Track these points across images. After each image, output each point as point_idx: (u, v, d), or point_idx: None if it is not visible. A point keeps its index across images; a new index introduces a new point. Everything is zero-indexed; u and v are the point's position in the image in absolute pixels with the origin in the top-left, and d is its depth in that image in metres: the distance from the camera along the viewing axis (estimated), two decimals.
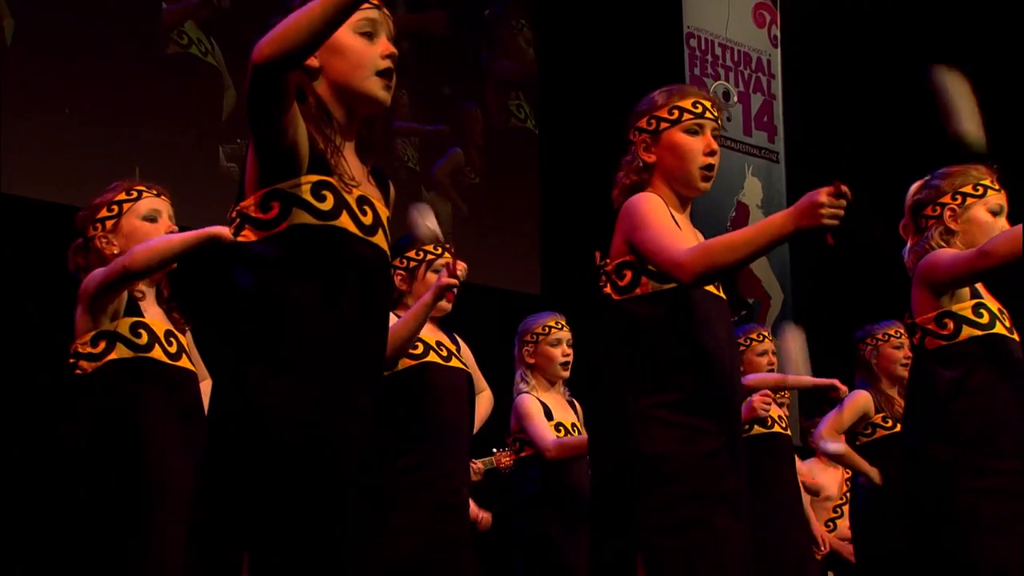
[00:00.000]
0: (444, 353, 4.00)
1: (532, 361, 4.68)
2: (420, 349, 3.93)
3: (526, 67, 7.78)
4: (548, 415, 4.55)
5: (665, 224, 2.89)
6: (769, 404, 4.90)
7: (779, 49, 9.40)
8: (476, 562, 3.98)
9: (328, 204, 2.39)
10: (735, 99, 9.10)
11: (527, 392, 4.64)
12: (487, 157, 7.53)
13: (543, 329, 4.63)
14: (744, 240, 2.76)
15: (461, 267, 3.65)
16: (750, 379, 4.91)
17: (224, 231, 3.18)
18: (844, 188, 2.61)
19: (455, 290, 3.68)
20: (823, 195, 2.60)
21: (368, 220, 2.47)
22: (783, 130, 9.33)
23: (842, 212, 2.61)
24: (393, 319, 3.93)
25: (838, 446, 5.00)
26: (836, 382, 5.04)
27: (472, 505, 4.43)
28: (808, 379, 5.21)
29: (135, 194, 3.48)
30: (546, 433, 4.47)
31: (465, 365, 4.10)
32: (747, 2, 9.31)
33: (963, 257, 3.33)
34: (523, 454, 4.61)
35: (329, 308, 2.37)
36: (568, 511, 4.43)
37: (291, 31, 2.24)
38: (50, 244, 3.73)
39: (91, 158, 5.79)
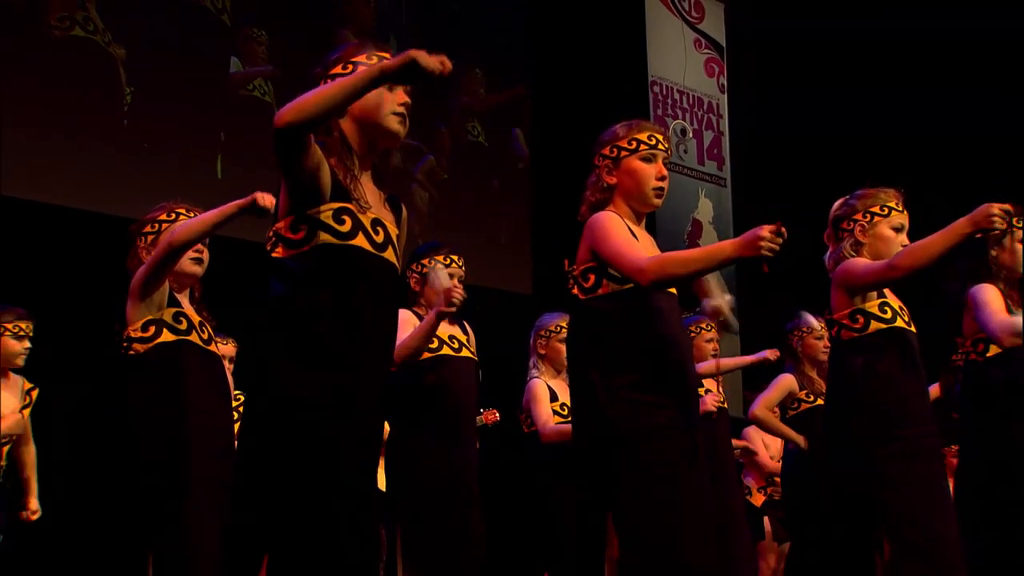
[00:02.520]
0: (456, 346, 3.96)
1: (544, 352, 4.62)
2: (435, 344, 3.91)
3: (478, 101, 7.95)
4: (554, 397, 4.49)
5: (626, 237, 2.87)
6: (720, 403, 4.89)
7: (726, 94, 9.41)
8: (482, 520, 3.96)
9: (347, 227, 2.37)
10: (691, 135, 9.09)
11: (537, 377, 4.59)
12: (453, 162, 7.68)
13: (555, 327, 4.55)
14: (696, 258, 2.77)
15: (457, 295, 3.70)
16: (700, 367, 4.83)
17: (243, 202, 3.13)
18: (783, 228, 2.59)
19: (454, 306, 3.72)
20: (765, 231, 2.60)
21: (380, 239, 2.43)
22: (729, 160, 9.34)
23: (778, 247, 2.61)
24: (410, 315, 3.94)
25: (773, 421, 5.05)
26: (767, 353, 5.06)
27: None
28: (744, 359, 5.23)
29: (173, 216, 3.45)
30: (546, 418, 4.42)
31: (474, 353, 4.10)
32: (700, 57, 9.32)
33: (874, 268, 3.32)
34: (533, 428, 4.56)
35: (346, 313, 2.35)
36: (570, 476, 4.39)
37: (309, 105, 2.22)
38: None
39: (166, 184, 5.80)
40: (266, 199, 3.11)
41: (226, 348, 4.66)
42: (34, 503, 4.53)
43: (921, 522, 3.24)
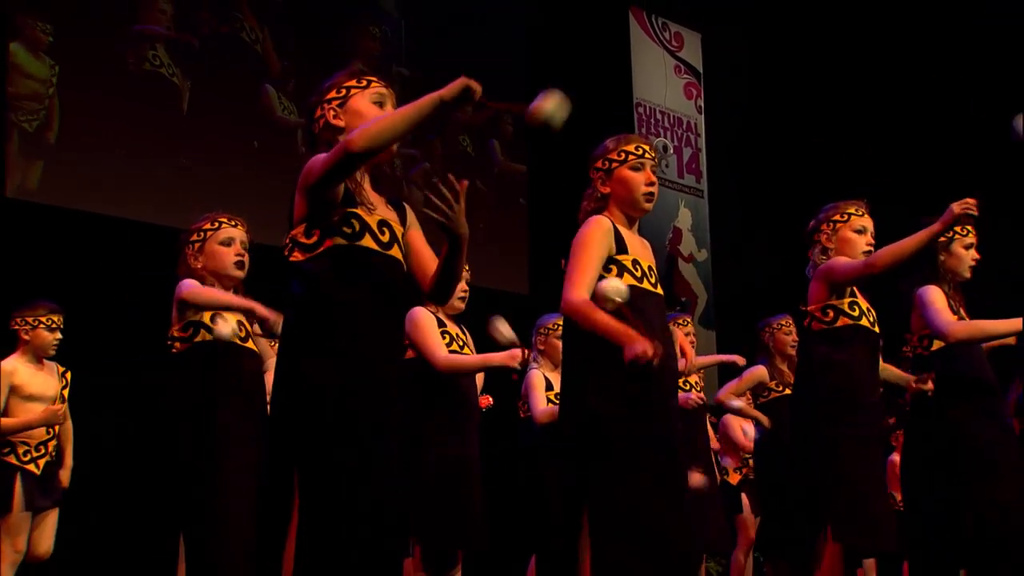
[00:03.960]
0: (460, 343, 3.99)
1: (543, 348, 4.61)
2: (447, 340, 3.92)
3: (467, 118, 7.99)
4: (550, 387, 4.48)
5: (589, 259, 2.86)
6: (700, 402, 4.87)
7: (703, 115, 9.44)
8: (484, 497, 3.96)
9: (355, 229, 2.37)
10: (671, 151, 9.13)
11: (536, 369, 4.59)
12: (443, 169, 7.63)
13: (553, 325, 4.52)
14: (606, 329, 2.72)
15: (525, 355, 3.74)
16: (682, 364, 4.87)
17: (254, 305, 3.17)
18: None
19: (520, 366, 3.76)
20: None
21: (386, 238, 2.43)
22: (706, 174, 9.38)
23: None
24: (428, 314, 3.89)
25: (736, 402, 5.08)
26: (735, 357, 5.09)
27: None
28: (717, 357, 5.27)
29: (217, 225, 3.41)
30: (540, 404, 4.44)
31: (472, 351, 4.11)
32: (679, 81, 9.34)
33: (854, 265, 3.37)
34: (529, 414, 4.55)
35: (357, 306, 2.34)
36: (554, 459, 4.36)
37: (380, 134, 2.25)
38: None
39: (211, 196, 5.90)
40: (268, 313, 3.14)
41: None
42: (65, 476, 4.46)
43: (860, 499, 3.28)
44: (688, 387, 5.00)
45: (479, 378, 4.25)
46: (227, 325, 3.31)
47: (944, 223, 3.20)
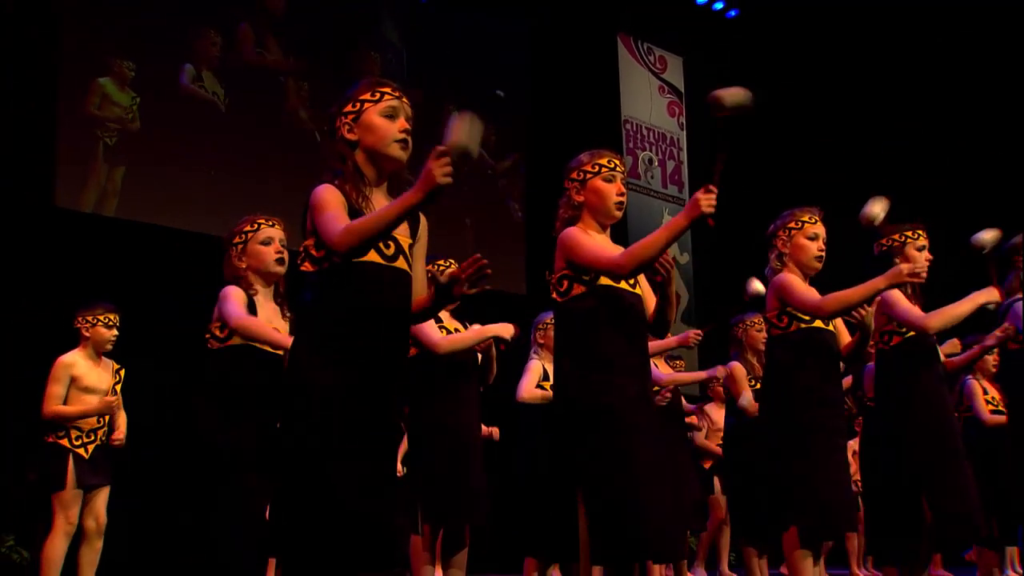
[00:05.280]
0: None
1: (543, 341, 4.63)
2: (444, 334, 3.95)
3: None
4: (546, 377, 4.50)
5: (595, 243, 2.87)
6: (666, 399, 4.90)
7: (684, 131, 9.54)
8: (483, 473, 3.94)
9: None
10: (656, 164, 9.23)
11: (536, 360, 4.63)
12: (456, 187, 7.80)
13: (551, 321, 4.43)
14: (658, 238, 2.73)
15: (515, 332, 3.75)
16: (663, 379, 4.88)
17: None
18: (712, 187, 2.63)
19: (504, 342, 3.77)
20: (700, 193, 2.64)
21: (391, 251, 2.37)
22: (688, 184, 9.48)
23: (715, 202, 2.61)
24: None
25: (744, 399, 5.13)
26: (717, 371, 5.12)
27: (483, 427, 4.40)
28: (698, 375, 5.33)
29: (256, 226, 3.37)
30: (528, 385, 4.48)
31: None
32: (663, 100, 9.45)
33: (807, 301, 3.33)
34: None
35: (361, 316, 2.30)
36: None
37: (363, 235, 2.22)
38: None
39: (238, 205, 6.00)
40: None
41: None
42: (120, 434, 4.52)
43: (820, 488, 3.31)
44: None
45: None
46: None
47: (889, 280, 3.22)
